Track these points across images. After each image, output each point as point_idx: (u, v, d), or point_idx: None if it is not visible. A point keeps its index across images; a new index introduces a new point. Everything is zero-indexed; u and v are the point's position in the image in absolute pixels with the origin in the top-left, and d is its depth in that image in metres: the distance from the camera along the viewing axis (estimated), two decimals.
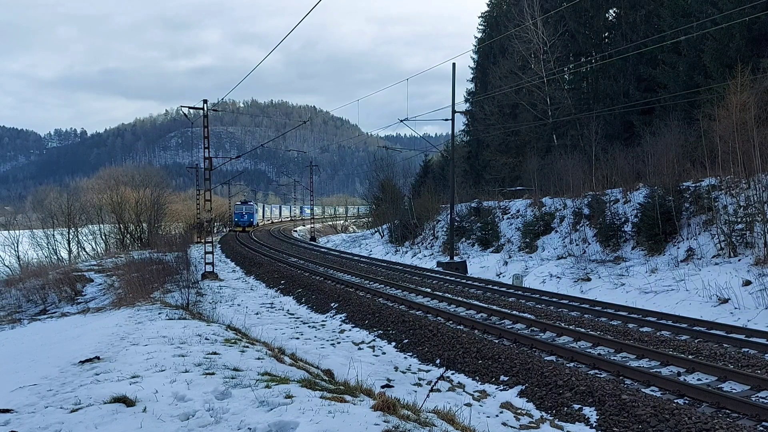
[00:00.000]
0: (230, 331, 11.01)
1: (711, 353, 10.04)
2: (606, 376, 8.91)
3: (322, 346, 12.29)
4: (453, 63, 27.52)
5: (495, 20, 48.73)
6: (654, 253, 20.70)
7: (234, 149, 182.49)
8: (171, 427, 4.92)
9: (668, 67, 28.40)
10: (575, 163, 29.77)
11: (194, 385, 6.15)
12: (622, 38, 33.23)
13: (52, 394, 6.29)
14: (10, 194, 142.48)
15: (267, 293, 21.53)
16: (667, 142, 23.46)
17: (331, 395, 5.84)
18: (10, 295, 24.99)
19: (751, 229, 17.77)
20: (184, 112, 28.68)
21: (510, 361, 9.85)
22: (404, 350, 12.00)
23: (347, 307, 16.30)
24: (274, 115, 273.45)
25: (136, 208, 48.44)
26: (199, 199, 45.10)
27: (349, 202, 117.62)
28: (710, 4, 25.05)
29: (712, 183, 20.54)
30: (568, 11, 35.86)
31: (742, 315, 13.63)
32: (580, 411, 7.79)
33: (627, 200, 24.47)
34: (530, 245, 27.67)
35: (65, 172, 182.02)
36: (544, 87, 36.35)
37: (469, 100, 49.96)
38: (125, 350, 8.58)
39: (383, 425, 4.88)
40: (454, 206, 29.08)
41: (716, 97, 21.21)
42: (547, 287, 20.12)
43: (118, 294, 20.40)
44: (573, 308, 14.92)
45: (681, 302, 15.39)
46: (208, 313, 15.25)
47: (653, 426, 6.96)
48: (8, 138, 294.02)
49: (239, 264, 32.51)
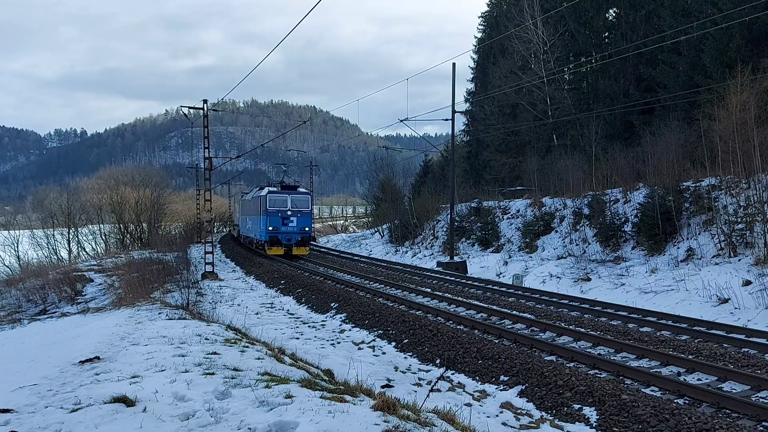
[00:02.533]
0: (230, 331, 11.01)
1: (711, 353, 10.04)
2: (606, 376, 8.91)
3: (322, 346, 12.29)
4: (453, 63, 27.49)
5: (495, 20, 48.72)
6: (654, 253, 20.70)
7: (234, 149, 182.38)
8: (171, 427, 4.92)
9: (668, 67, 28.40)
10: (575, 163, 29.77)
11: (194, 385, 6.15)
12: (622, 38, 33.22)
13: (52, 394, 6.29)
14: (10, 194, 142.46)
15: (267, 293, 21.52)
16: (667, 142, 23.46)
17: (331, 395, 5.84)
18: (10, 295, 24.99)
19: (751, 229, 17.77)
20: (184, 112, 28.68)
21: (510, 361, 9.85)
22: (404, 350, 12.00)
23: (347, 307, 16.29)
24: (274, 115, 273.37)
25: (136, 208, 48.44)
26: (199, 199, 45.10)
27: (349, 202, 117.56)
28: (710, 4, 25.04)
29: (712, 183, 20.54)
30: (568, 11, 35.85)
31: (742, 315, 13.62)
32: (580, 411, 7.79)
33: (627, 200, 24.47)
34: (530, 245, 27.66)
35: (65, 172, 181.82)
36: (544, 87, 36.34)
37: (469, 100, 49.94)
38: (125, 350, 8.57)
39: (383, 425, 4.87)
40: (454, 206, 29.08)
41: (716, 97, 21.21)
42: (547, 287, 20.11)
43: (118, 294, 20.40)
44: (573, 308, 14.92)
45: (681, 302, 15.39)
46: (208, 313, 15.25)
47: (653, 426, 6.96)
48: (8, 138, 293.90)
49: (239, 264, 32.49)
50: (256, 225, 31.54)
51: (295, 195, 29.40)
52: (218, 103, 35.83)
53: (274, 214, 28.58)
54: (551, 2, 37.93)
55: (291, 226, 28.72)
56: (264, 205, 28.88)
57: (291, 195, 29.24)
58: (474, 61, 52.10)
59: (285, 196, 29.03)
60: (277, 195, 29.15)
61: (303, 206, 29.36)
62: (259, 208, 29.83)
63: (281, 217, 28.52)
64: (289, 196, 29.12)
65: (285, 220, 28.53)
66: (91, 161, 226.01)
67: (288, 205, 28.80)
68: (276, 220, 28.57)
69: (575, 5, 34.78)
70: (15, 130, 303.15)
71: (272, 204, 28.66)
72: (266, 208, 28.60)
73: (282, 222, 28.53)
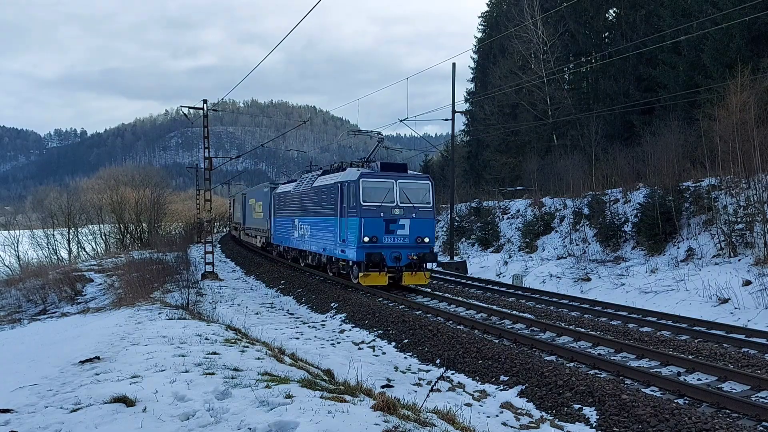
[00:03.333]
0: (230, 331, 11.00)
1: (711, 353, 10.04)
2: (606, 376, 8.91)
3: (322, 346, 12.29)
4: (453, 63, 27.43)
5: (495, 20, 48.75)
6: (654, 253, 20.71)
7: (234, 149, 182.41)
8: (171, 427, 4.92)
9: (668, 67, 28.41)
10: (575, 163, 29.80)
11: (194, 385, 6.15)
12: (622, 38, 33.22)
13: (52, 394, 6.28)
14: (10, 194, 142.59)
15: (267, 293, 21.52)
16: (667, 142, 23.48)
17: (331, 395, 5.84)
18: (10, 295, 25.00)
19: (751, 229, 17.77)
20: (184, 112, 28.69)
21: (510, 361, 9.85)
22: (404, 350, 11.99)
23: (347, 307, 16.29)
24: (274, 115, 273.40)
25: (136, 208, 48.49)
26: (199, 199, 45.10)
27: None
28: (710, 4, 25.04)
29: (712, 183, 20.55)
30: (568, 11, 35.86)
31: (742, 315, 13.63)
32: (580, 411, 7.79)
33: (627, 200, 24.48)
34: (530, 245, 27.68)
35: (65, 172, 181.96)
36: (544, 87, 36.36)
37: (469, 100, 49.95)
38: (125, 350, 8.57)
39: (383, 425, 4.88)
40: (454, 206, 29.08)
41: (716, 97, 21.23)
42: (547, 287, 20.12)
43: (118, 294, 20.40)
44: (573, 308, 14.92)
45: (681, 302, 15.40)
46: (208, 313, 15.24)
47: (653, 426, 6.96)
48: (8, 138, 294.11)
49: (239, 264, 32.50)
50: (327, 232, 19.26)
51: (406, 181, 17.24)
52: (218, 103, 35.87)
53: (373, 214, 16.64)
54: (551, 2, 37.95)
55: (401, 234, 16.92)
56: (354, 197, 16.77)
57: (400, 180, 17.11)
58: (474, 61, 52.15)
59: (390, 183, 16.97)
60: (376, 180, 16.94)
61: (420, 200, 17.26)
62: (339, 204, 17.87)
63: (385, 220, 16.69)
64: (397, 183, 17.01)
65: (391, 224, 16.78)
66: (91, 161, 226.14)
67: (396, 199, 16.89)
68: (375, 224, 16.62)
69: (575, 5, 34.78)
70: (15, 130, 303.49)
71: (369, 196, 16.71)
72: (360, 203, 16.59)
73: (386, 228, 16.73)
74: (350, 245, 17.21)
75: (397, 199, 17.04)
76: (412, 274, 17.35)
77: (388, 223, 16.83)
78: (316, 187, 20.96)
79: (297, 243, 23.68)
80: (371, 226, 16.68)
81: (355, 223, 16.76)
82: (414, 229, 17.11)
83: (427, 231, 17.34)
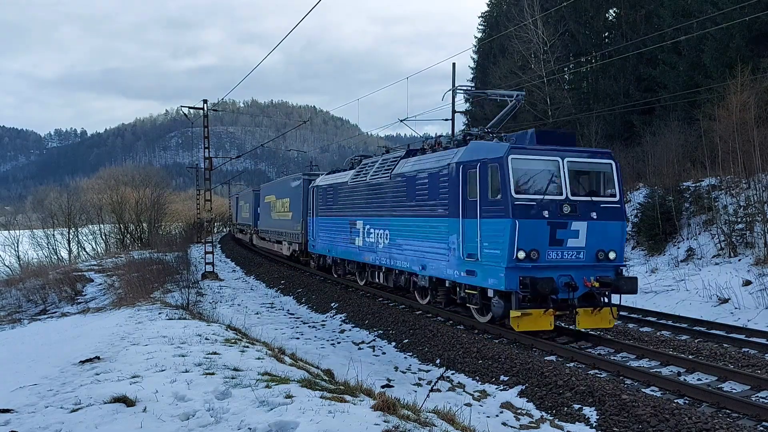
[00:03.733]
0: (230, 331, 11.01)
1: (711, 353, 10.04)
2: (606, 376, 8.91)
3: (322, 346, 12.30)
4: (453, 63, 27.38)
5: (495, 20, 48.73)
6: (654, 253, 20.70)
7: (234, 149, 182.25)
8: (171, 427, 4.92)
9: (668, 67, 28.39)
10: None
11: (194, 385, 6.15)
12: (622, 38, 33.20)
13: (52, 394, 6.29)
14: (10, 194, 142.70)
15: (267, 293, 21.53)
16: (667, 142, 23.46)
17: (331, 395, 5.85)
18: (10, 295, 25.02)
19: (751, 229, 17.77)
20: (184, 112, 28.71)
21: (510, 361, 9.85)
22: (404, 350, 11.99)
23: (347, 307, 16.29)
24: (274, 115, 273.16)
25: (136, 208, 48.53)
26: (199, 199, 45.00)
27: None
28: (710, 4, 25.02)
29: (712, 183, 20.55)
30: (568, 11, 35.84)
31: (742, 315, 13.62)
32: (580, 411, 7.79)
33: (627, 200, 24.48)
34: None
35: (65, 172, 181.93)
36: (544, 87, 36.34)
37: (469, 100, 49.93)
38: (125, 350, 8.57)
39: (383, 425, 4.88)
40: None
41: (716, 97, 21.22)
42: None
43: (118, 294, 20.41)
44: None
45: (681, 302, 15.39)
46: (208, 313, 15.24)
47: (653, 426, 6.96)
48: (8, 138, 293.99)
49: (239, 264, 32.52)
50: (430, 242, 12.82)
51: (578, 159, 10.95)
52: (218, 103, 35.87)
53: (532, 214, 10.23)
54: (551, 2, 37.92)
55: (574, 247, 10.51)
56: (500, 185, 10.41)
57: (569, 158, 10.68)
58: (474, 61, 52.09)
59: (555, 162, 10.54)
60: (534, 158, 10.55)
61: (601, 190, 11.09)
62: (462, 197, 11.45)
63: (549, 224, 10.29)
64: (564, 162, 10.56)
65: (559, 230, 10.36)
66: (91, 161, 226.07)
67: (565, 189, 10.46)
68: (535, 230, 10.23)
69: (575, 5, 34.76)
70: (15, 130, 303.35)
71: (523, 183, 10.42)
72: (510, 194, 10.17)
73: (552, 237, 10.31)
74: (488, 264, 10.70)
75: (567, 190, 10.42)
76: (592, 312, 10.66)
77: (554, 227, 10.31)
78: (401, 174, 14.41)
79: (360, 254, 17.27)
80: (529, 234, 10.12)
81: (501, 227, 10.28)
82: (593, 238, 10.55)
83: (614, 241, 10.77)
